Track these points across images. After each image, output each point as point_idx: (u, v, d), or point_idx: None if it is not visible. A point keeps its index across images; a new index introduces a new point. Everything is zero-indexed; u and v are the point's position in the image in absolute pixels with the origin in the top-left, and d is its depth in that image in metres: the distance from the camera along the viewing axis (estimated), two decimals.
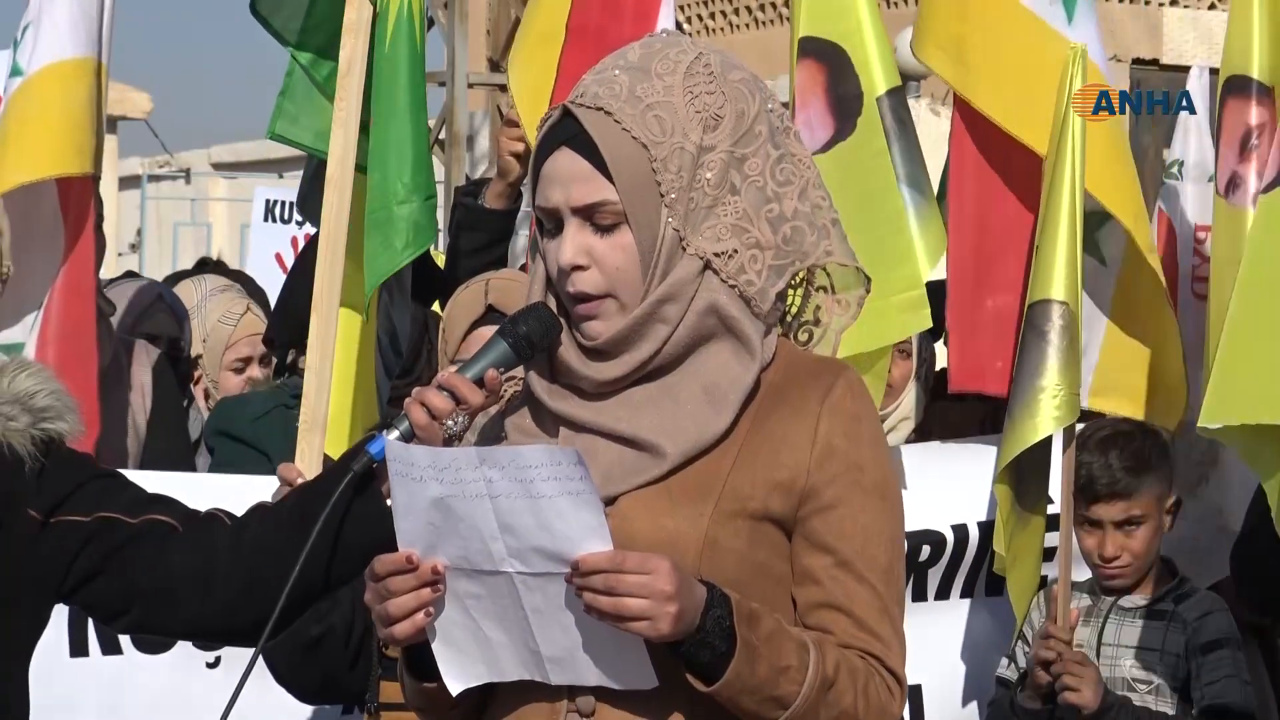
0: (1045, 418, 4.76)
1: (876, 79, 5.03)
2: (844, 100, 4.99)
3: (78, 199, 4.70)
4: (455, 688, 2.70)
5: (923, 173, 5.06)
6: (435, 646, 2.68)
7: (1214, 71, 5.20)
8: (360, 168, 4.67)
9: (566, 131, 2.71)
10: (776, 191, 2.73)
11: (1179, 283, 5.52)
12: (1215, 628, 4.86)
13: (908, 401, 5.59)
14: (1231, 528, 5.27)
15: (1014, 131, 4.96)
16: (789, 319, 2.81)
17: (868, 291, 2.85)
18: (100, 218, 5.05)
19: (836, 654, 2.65)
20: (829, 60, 5.05)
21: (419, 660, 2.74)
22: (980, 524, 5.05)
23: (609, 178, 2.67)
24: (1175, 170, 5.69)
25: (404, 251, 4.60)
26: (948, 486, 5.01)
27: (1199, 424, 4.52)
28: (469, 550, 2.60)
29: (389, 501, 2.67)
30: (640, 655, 2.59)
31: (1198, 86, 5.69)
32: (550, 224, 2.73)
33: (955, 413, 5.64)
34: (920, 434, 5.62)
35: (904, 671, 2.72)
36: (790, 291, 2.80)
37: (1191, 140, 5.69)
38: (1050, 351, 4.77)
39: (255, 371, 5.92)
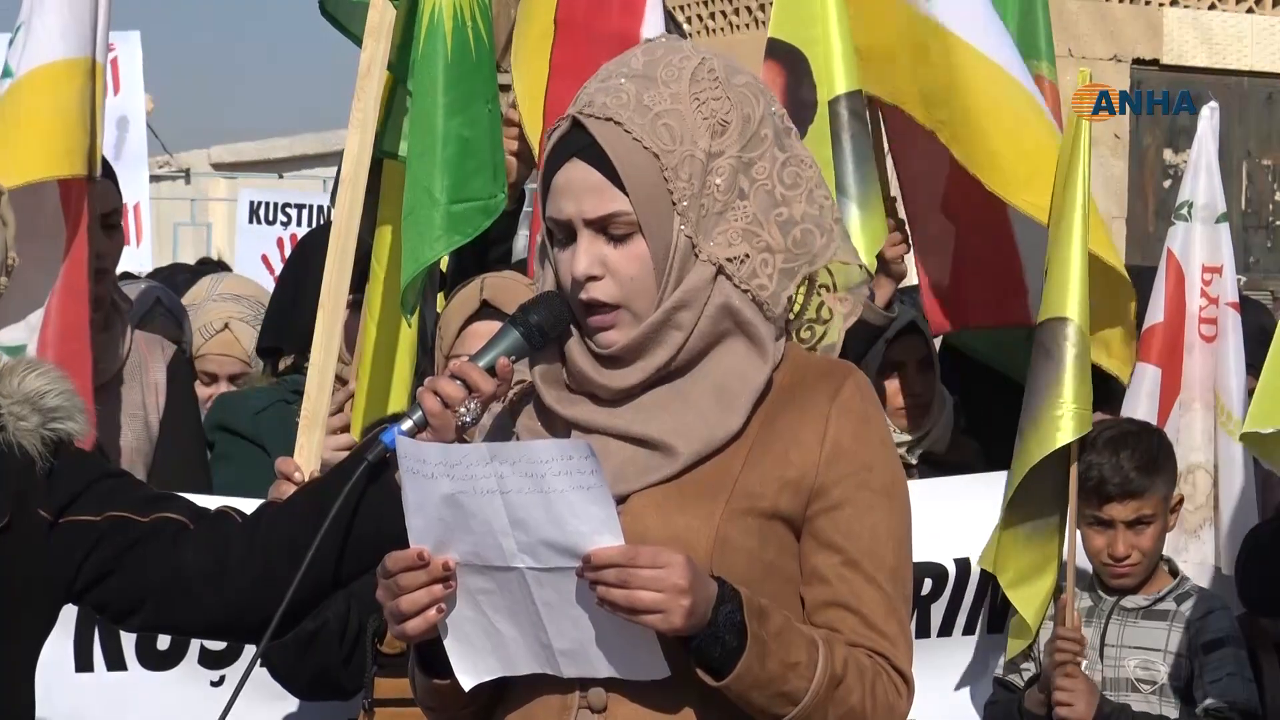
0: (1065, 431, 4.75)
1: (836, 81, 5.04)
2: (799, 107, 5.01)
3: (75, 200, 4.70)
4: (468, 683, 2.70)
5: (867, 176, 5.09)
6: (447, 642, 2.69)
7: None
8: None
9: (577, 143, 2.71)
10: (785, 195, 2.75)
11: (1186, 324, 5.50)
12: (1217, 626, 4.87)
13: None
14: (1227, 571, 5.30)
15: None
16: (792, 317, 2.82)
17: (869, 287, 2.86)
18: (116, 211, 5.06)
19: (845, 652, 2.67)
20: (789, 65, 5.09)
21: (430, 658, 2.75)
22: None
23: (622, 189, 2.68)
24: (1185, 211, 5.63)
25: (428, 252, 4.60)
26: (951, 520, 4.99)
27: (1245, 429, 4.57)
28: (480, 546, 2.61)
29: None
30: (652, 646, 2.61)
31: (1208, 126, 5.65)
32: (562, 235, 2.74)
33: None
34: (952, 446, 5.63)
35: (911, 671, 2.73)
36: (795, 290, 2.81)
37: (1201, 181, 5.61)
38: (1060, 372, 4.76)
39: (222, 388, 5.88)
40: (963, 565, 5.02)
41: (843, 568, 2.70)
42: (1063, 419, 4.76)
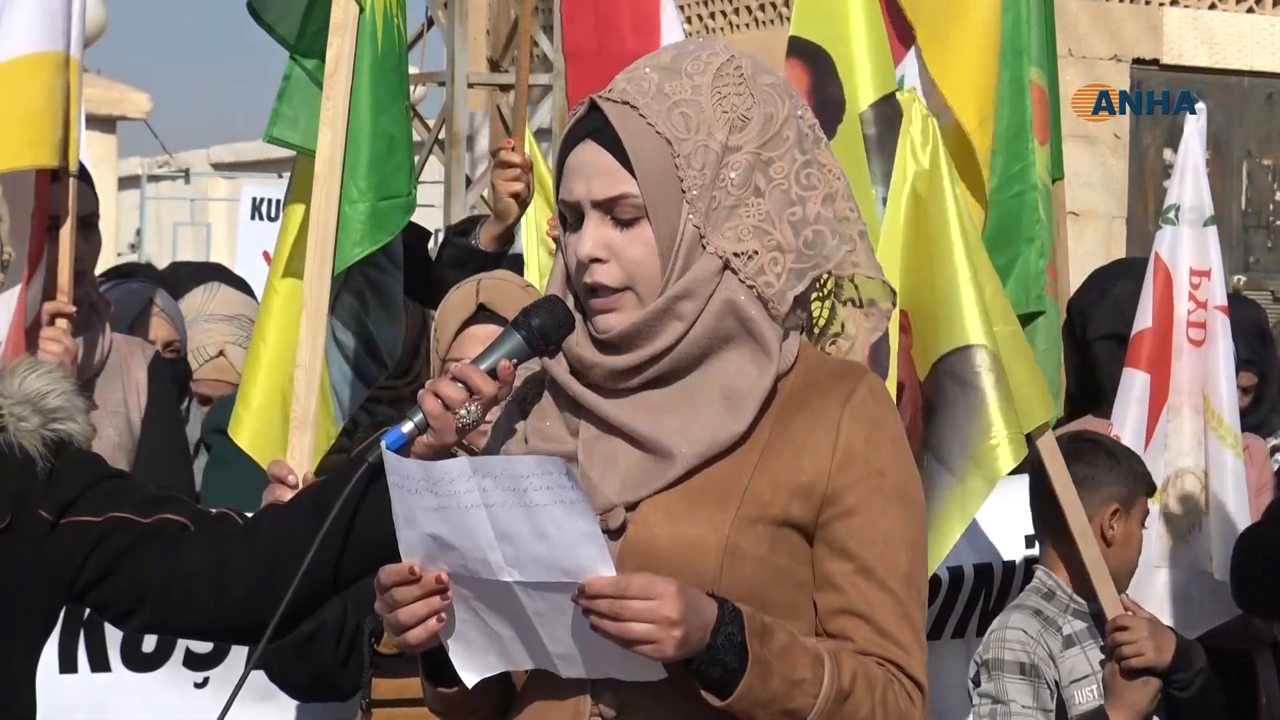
0: (1004, 460, 4.50)
1: (862, 89, 4.92)
2: (826, 106, 4.94)
3: (43, 193, 4.70)
4: (470, 679, 2.70)
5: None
6: (447, 643, 2.68)
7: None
8: None
9: (592, 125, 2.71)
10: (800, 195, 2.73)
11: (1174, 328, 5.49)
12: None
13: None
14: (1219, 576, 5.29)
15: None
16: (816, 330, 2.81)
17: (894, 305, 2.85)
18: (94, 214, 5.05)
19: (853, 664, 2.64)
20: (812, 63, 5.01)
21: (436, 666, 2.74)
22: (976, 565, 5.02)
23: (631, 172, 2.68)
24: (1172, 215, 5.61)
25: (353, 250, 4.58)
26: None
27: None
28: (468, 560, 2.60)
29: None
30: None
31: (1194, 129, 5.63)
32: (572, 217, 2.74)
33: None
34: None
35: (925, 677, 2.70)
36: (818, 303, 2.80)
37: (1188, 184, 5.58)
38: (981, 399, 4.51)
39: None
40: (956, 572, 5.00)
41: (855, 575, 2.68)
42: (999, 447, 4.49)
